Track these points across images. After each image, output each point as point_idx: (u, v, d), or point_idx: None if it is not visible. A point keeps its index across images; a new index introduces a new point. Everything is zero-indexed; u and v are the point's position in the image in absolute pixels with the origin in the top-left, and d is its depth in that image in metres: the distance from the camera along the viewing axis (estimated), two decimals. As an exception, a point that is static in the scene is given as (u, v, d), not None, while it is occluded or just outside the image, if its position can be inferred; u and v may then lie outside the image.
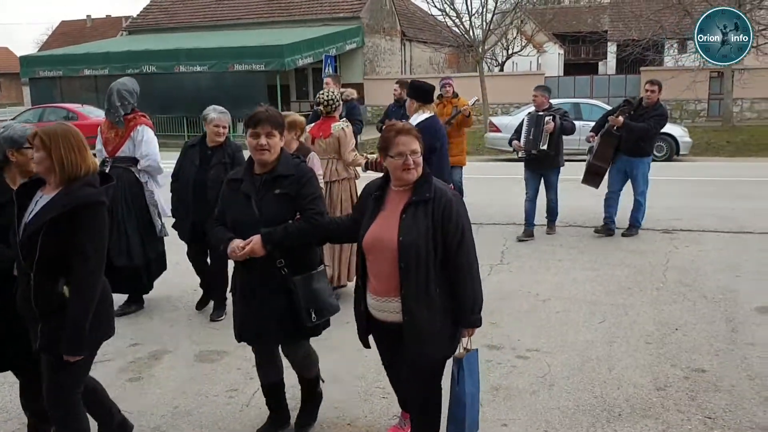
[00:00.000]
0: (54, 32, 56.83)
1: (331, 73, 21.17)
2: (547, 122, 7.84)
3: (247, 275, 3.49)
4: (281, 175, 3.44)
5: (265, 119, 3.39)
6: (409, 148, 3.06)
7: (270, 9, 29.97)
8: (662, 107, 8.08)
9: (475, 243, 3.16)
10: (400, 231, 3.04)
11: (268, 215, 3.39)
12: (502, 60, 36.99)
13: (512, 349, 4.94)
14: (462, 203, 3.16)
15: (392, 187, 3.20)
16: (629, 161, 8.03)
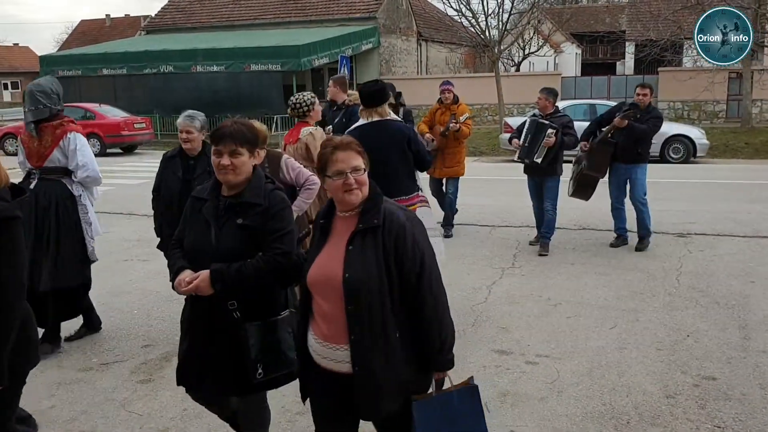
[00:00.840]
0: (74, 31, 57.40)
1: (345, 73, 21.17)
2: (549, 135, 7.35)
3: (195, 310, 3.05)
4: (247, 202, 2.96)
5: (229, 135, 2.92)
6: (350, 165, 2.57)
7: (286, 9, 30.07)
8: (657, 110, 7.93)
9: (440, 272, 2.65)
10: (345, 266, 2.53)
11: (225, 248, 2.91)
12: (518, 60, 36.83)
13: (521, 355, 4.93)
14: (419, 225, 2.65)
15: (338, 212, 2.69)
16: (627, 169, 7.69)
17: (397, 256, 2.53)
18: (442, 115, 8.42)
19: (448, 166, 8.41)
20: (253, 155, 3.00)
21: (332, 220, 2.71)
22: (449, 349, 2.67)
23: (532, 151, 7.50)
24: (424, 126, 8.52)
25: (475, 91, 26.21)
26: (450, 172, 8.50)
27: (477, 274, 6.97)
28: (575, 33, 45.87)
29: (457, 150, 8.44)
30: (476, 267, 7.22)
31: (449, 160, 8.41)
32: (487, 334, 5.34)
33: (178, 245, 3.10)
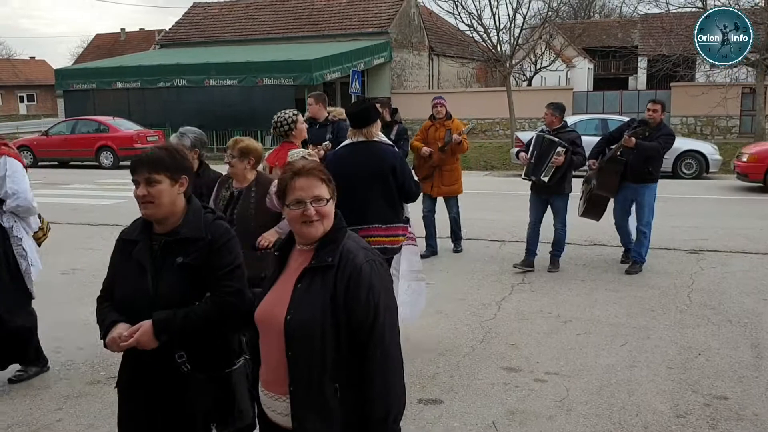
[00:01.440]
0: (89, 45, 58.03)
1: (356, 87, 21.26)
2: (558, 153, 7.11)
3: (137, 368, 2.64)
4: (186, 238, 2.59)
5: (145, 162, 2.58)
6: (311, 194, 2.28)
7: (299, 24, 30.28)
8: (667, 127, 7.63)
9: (398, 328, 2.33)
10: (289, 307, 2.26)
11: (165, 294, 2.55)
12: (530, 74, 36.85)
13: (530, 372, 4.89)
14: (382, 271, 2.31)
15: (296, 244, 2.41)
16: (635, 189, 7.38)
17: (348, 301, 2.21)
18: (436, 132, 8.11)
19: (446, 184, 8.14)
20: (177, 182, 2.61)
21: (289, 253, 2.43)
22: (394, 420, 2.28)
23: (539, 169, 7.27)
24: (419, 143, 8.17)
25: (487, 105, 26.25)
26: (449, 191, 8.23)
27: (486, 289, 6.94)
28: (587, 48, 45.85)
29: (454, 167, 8.18)
30: (486, 282, 7.18)
31: (447, 177, 8.13)
32: (496, 350, 5.31)
33: (108, 298, 2.70)
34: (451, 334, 5.66)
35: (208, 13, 33.30)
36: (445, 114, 8.11)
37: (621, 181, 7.38)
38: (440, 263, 7.85)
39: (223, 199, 4.42)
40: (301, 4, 31.44)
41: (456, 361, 5.09)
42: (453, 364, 5.05)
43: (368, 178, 4.73)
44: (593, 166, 7.57)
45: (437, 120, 8.12)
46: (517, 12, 23.06)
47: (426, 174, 7.98)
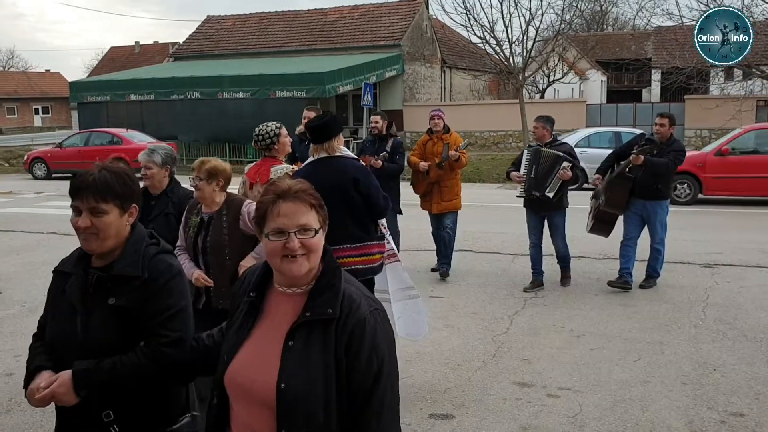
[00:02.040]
0: (103, 58, 58.56)
1: (368, 100, 21.31)
2: (565, 168, 6.91)
3: (61, 423, 2.29)
4: (121, 276, 2.20)
5: (91, 187, 2.17)
6: (296, 222, 1.88)
7: (312, 37, 30.45)
8: (678, 142, 7.34)
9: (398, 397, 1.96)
10: (281, 372, 1.82)
11: (95, 338, 2.17)
12: (543, 87, 36.84)
13: (543, 387, 4.84)
14: (386, 324, 1.93)
15: (275, 284, 1.97)
16: (645, 206, 7.18)
17: (348, 362, 1.82)
18: (434, 146, 7.75)
19: (446, 200, 7.79)
20: (126, 212, 2.25)
21: (266, 295, 1.98)
22: None
23: (542, 184, 7.03)
24: (416, 158, 7.84)
25: (499, 117, 26.24)
26: (449, 206, 7.85)
27: (499, 303, 6.89)
28: (600, 60, 45.82)
29: (453, 182, 7.81)
30: (498, 296, 7.14)
31: (447, 193, 7.77)
32: (509, 365, 5.26)
33: (41, 336, 2.33)
34: (463, 348, 5.62)
35: (221, 26, 33.56)
36: (442, 127, 7.76)
37: (630, 197, 7.19)
38: (452, 276, 7.81)
39: (194, 226, 4.07)
40: (314, 18, 31.65)
41: (468, 376, 5.05)
42: (465, 378, 5.01)
43: (331, 196, 4.38)
44: (597, 183, 7.42)
45: (435, 134, 7.78)
46: (530, 24, 23.13)
47: (424, 190, 7.80)
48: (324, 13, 31.88)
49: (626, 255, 7.31)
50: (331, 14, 31.54)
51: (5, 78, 60.02)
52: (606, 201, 7.22)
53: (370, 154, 7.56)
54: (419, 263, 8.28)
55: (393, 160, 7.65)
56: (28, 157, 22.95)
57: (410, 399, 4.65)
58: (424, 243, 9.54)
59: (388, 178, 7.40)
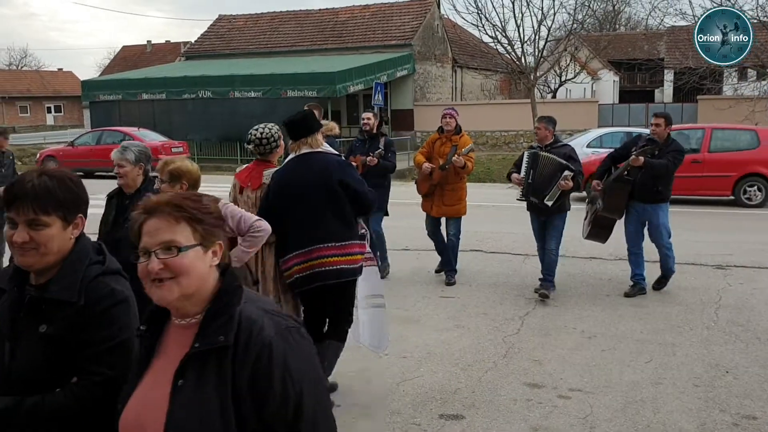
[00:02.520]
0: (115, 57, 58.86)
1: (379, 100, 21.29)
2: (566, 178, 6.56)
3: None
4: (55, 299, 1.89)
5: (27, 195, 1.86)
6: (157, 240, 1.62)
7: (323, 37, 30.49)
8: (676, 143, 7.01)
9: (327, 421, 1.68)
10: (169, 417, 1.57)
11: (22, 368, 1.88)
12: (555, 86, 36.73)
13: (554, 389, 4.82)
14: (301, 342, 1.66)
15: (172, 317, 1.71)
16: (645, 209, 6.91)
17: (256, 395, 1.56)
18: (442, 146, 7.39)
19: (447, 204, 7.40)
20: (70, 224, 1.95)
21: (164, 330, 1.72)
22: None
23: (541, 191, 6.72)
24: (421, 157, 7.55)
25: (511, 117, 26.18)
26: (450, 212, 7.47)
27: (509, 304, 6.87)
28: (613, 60, 45.62)
29: (458, 186, 7.39)
30: (508, 297, 7.11)
31: (449, 197, 7.38)
32: (519, 366, 5.24)
33: None
34: (474, 348, 5.60)
35: (233, 26, 33.66)
36: (454, 127, 7.39)
37: (629, 200, 6.94)
38: (463, 277, 7.79)
39: None
40: (326, 17, 31.69)
41: (478, 376, 5.03)
42: (475, 379, 4.99)
43: (316, 193, 4.28)
44: (597, 188, 7.08)
45: (445, 133, 7.44)
46: (542, 24, 23.10)
47: (427, 191, 7.47)
48: (335, 12, 31.91)
49: (636, 261, 7.12)
50: (342, 14, 31.57)
51: (18, 77, 60.42)
52: (604, 206, 6.94)
53: (361, 154, 7.39)
54: (432, 263, 8.24)
55: (385, 158, 7.50)
56: (40, 155, 23.08)
57: (420, 399, 4.64)
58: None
59: (380, 176, 7.33)
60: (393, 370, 5.16)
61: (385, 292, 7.06)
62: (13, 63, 69.66)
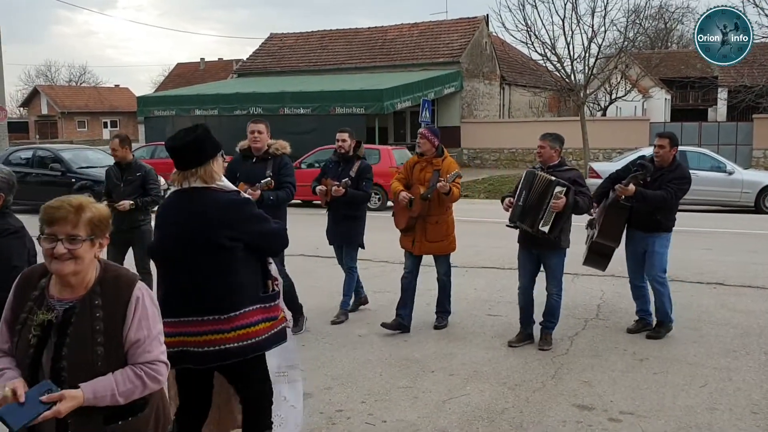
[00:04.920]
0: (170, 74, 60.42)
1: (426, 116, 21.31)
2: (557, 196, 5.56)
3: None
4: None
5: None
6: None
7: (372, 55, 30.76)
8: (681, 168, 6.18)
9: None
10: None
11: None
12: (605, 104, 36.24)
13: (604, 411, 4.71)
14: None
15: None
16: (644, 238, 6.20)
17: None
18: (421, 172, 6.32)
19: (431, 239, 6.32)
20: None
21: None
22: None
23: (534, 216, 5.68)
24: (398, 184, 6.44)
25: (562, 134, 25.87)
26: (434, 249, 6.40)
27: (559, 323, 6.74)
28: (665, 78, 44.86)
29: (443, 218, 6.33)
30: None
31: (433, 232, 6.30)
32: (568, 387, 5.14)
33: None
34: (521, 368, 5.52)
35: (284, 44, 34.21)
36: (433, 149, 6.30)
37: (628, 228, 6.28)
38: (510, 295, 7.68)
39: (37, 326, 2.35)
40: (374, 36, 31.98)
41: (526, 396, 4.96)
42: (522, 399, 4.92)
43: (192, 248, 3.29)
44: (593, 213, 6.40)
45: (424, 156, 6.38)
46: (593, 41, 22.80)
47: (406, 225, 6.37)
48: (384, 31, 32.18)
49: (639, 296, 6.49)
50: (391, 32, 31.81)
51: (77, 93, 62.45)
52: (599, 232, 6.27)
53: (333, 177, 6.70)
54: (478, 279, 8.17)
55: (358, 186, 6.68)
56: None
57: (467, 418, 4.59)
58: (482, 260, 9.46)
59: (352, 206, 6.73)
60: (439, 388, 5.12)
61: (432, 308, 7.05)
62: (72, 79, 72.06)
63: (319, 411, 4.75)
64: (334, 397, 4.97)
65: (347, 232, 6.84)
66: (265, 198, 5.76)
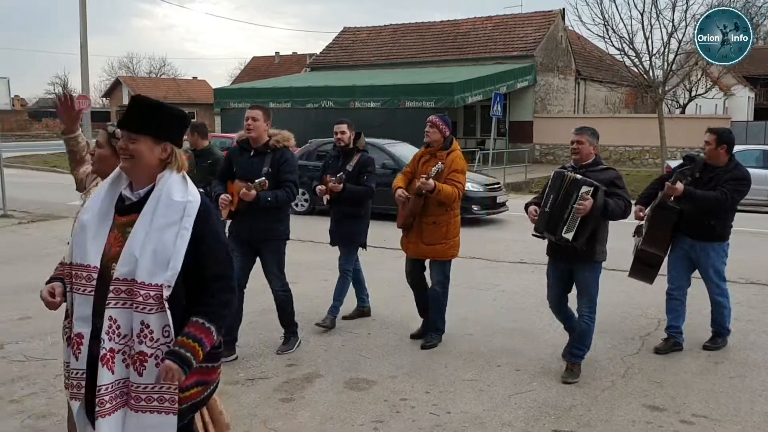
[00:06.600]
0: (246, 67, 61.59)
1: (498, 110, 21.07)
2: (582, 197, 4.76)
3: None
4: None
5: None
6: None
7: (444, 48, 30.60)
8: (739, 167, 5.53)
9: None
10: None
11: None
12: (684, 102, 35.04)
13: (676, 413, 4.56)
14: None
15: None
16: (694, 246, 5.58)
17: None
18: (425, 165, 5.71)
19: (427, 242, 5.66)
20: None
21: None
22: None
23: (557, 222, 4.90)
24: (400, 178, 5.92)
25: (636, 132, 25.23)
26: (429, 252, 5.72)
27: (630, 322, 6.59)
28: (748, 75, 43.02)
29: (442, 219, 5.62)
30: (629, 316, 6.83)
31: (429, 233, 5.64)
32: (639, 387, 5.00)
33: None
34: (590, 366, 5.39)
35: (357, 38, 34.41)
36: (442, 140, 5.70)
37: (675, 233, 5.64)
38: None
39: None
40: (447, 29, 31.80)
41: (594, 395, 4.85)
42: (591, 397, 4.81)
43: None
44: (639, 215, 5.76)
45: (430, 147, 5.80)
46: (672, 37, 22.06)
47: (403, 223, 5.78)
48: (457, 24, 31.96)
49: (674, 309, 5.80)
50: (463, 25, 31.57)
51: (157, 84, 64.43)
52: (645, 239, 5.66)
53: (333, 172, 6.26)
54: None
55: (359, 182, 6.22)
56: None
57: (533, 413, 4.53)
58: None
59: (353, 203, 6.26)
60: (506, 382, 5.07)
61: (503, 305, 6.98)
62: (153, 71, 74.41)
63: (384, 399, 4.77)
64: (398, 386, 4.99)
65: (347, 232, 6.35)
66: (262, 199, 5.18)
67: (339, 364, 5.46)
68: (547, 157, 27.75)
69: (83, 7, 21.61)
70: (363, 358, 5.61)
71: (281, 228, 5.47)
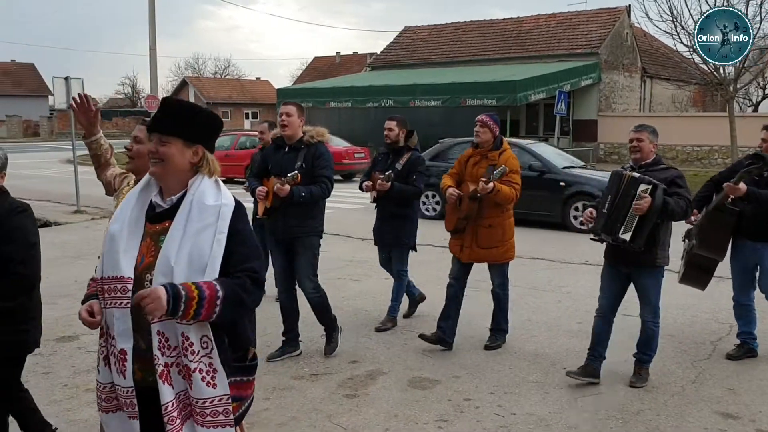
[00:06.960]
0: (307, 67, 62.34)
1: (562, 108, 20.74)
2: (640, 196, 4.56)
3: None
4: None
5: None
6: None
7: (506, 46, 30.28)
8: None
9: None
10: None
11: None
12: (757, 100, 33.76)
13: (752, 421, 4.41)
14: None
15: None
16: (756, 249, 5.33)
17: None
18: (474, 167, 5.57)
19: (483, 245, 5.54)
20: None
21: None
22: None
23: (615, 222, 4.68)
24: (448, 179, 5.74)
25: (704, 131, 24.46)
26: (486, 256, 5.61)
27: (700, 327, 6.41)
28: (827, 71, 41.14)
29: (498, 221, 5.51)
30: (699, 320, 6.63)
31: (485, 236, 5.52)
32: (711, 393, 4.86)
33: None
34: (659, 371, 5.26)
35: (417, 36, 34.38)
36: (492, 140, 5.55)
37: (736, 236, 5.37)
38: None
39: None
40: (509, 27, 31.46)
41: (663, 400, 4.73)
42: (660, 402, 4.70)
43: None
44: (694, 218, 5.44)
45: (479, 148, 5.65)
46: (745, 32, 21.27)
47: (455, 227, 5.67)
48: (519, 22, 31.57)
49: (744, 316, 5.58)
50: (526, 23, 31.17)
51: (221, 85, 65.83)
52: (699, 242, 5.34)
53: (381, 170, 6.15)
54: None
55: (407, 181, 6.09)
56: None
57: (600, 417, 4.45)
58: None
59: (401, 204, 6.18)
60: (571, 384, 4.99)
61: (567, 306, 6.86)
62: (218, 72, 76.01)
63: (447, 399, 4.76)
64: (462, 386, 4.97)
65: (395, 233, 6.26)
66: (296, 194, 5.10)
67: (402, 363, 5.48)
68: (612, 157, 27.14)
69: (152, 10, 22.25)
70: (425, 356, 5.61)
71: (314, 224, 5.38)
